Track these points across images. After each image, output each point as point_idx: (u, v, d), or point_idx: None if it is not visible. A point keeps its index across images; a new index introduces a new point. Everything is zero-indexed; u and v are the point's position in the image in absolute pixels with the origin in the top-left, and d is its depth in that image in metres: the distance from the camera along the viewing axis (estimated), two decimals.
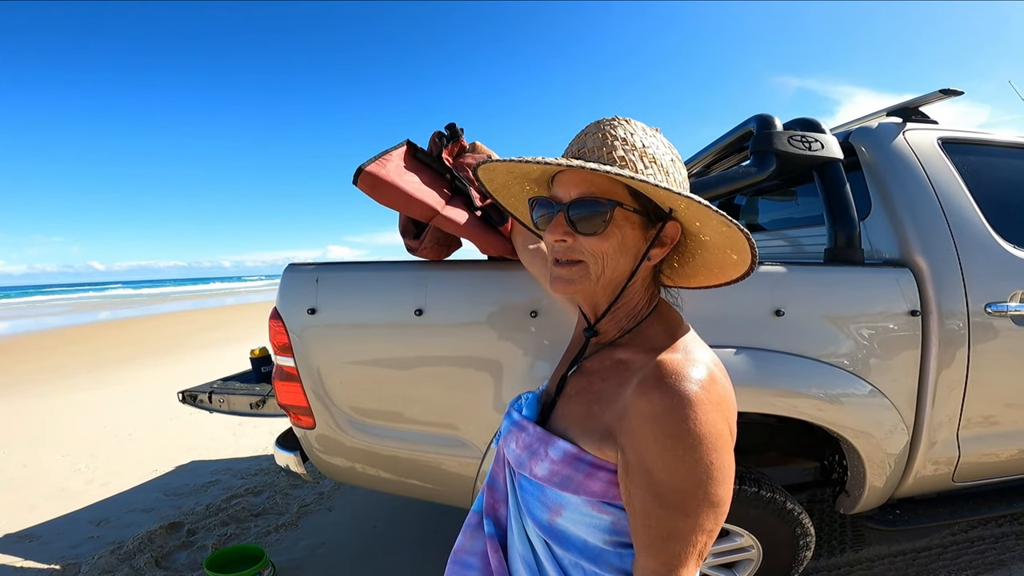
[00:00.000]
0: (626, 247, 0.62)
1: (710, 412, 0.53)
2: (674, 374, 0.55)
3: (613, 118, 0.64)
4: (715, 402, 0.55)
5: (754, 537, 1.49)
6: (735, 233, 0.59)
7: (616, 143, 0.61)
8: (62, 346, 9.76)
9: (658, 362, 0.57)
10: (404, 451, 1.44)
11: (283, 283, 1.41)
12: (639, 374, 0.58)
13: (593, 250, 0.62)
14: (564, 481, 0.61)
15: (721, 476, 0.53)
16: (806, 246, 2.06)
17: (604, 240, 0.61)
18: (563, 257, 0.64)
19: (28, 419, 4.64)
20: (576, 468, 0.61)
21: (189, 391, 2.08)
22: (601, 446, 0.59)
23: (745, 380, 1.33)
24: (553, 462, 0.62)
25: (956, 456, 1.56)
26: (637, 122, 0.64)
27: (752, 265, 0.62)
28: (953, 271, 1.49)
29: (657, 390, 0.55)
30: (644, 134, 0.63)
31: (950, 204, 1.55)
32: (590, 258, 0.63)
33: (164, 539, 2.42)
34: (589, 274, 0.63)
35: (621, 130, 0.62)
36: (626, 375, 0.61)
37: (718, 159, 2.11)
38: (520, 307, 1.34)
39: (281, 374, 1.46)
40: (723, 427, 0.55)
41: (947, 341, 1.47)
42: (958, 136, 1.69)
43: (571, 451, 0.61)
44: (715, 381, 0.57)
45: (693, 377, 0.55)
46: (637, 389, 0.57)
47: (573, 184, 0.62)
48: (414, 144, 1.20)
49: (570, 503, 0.62)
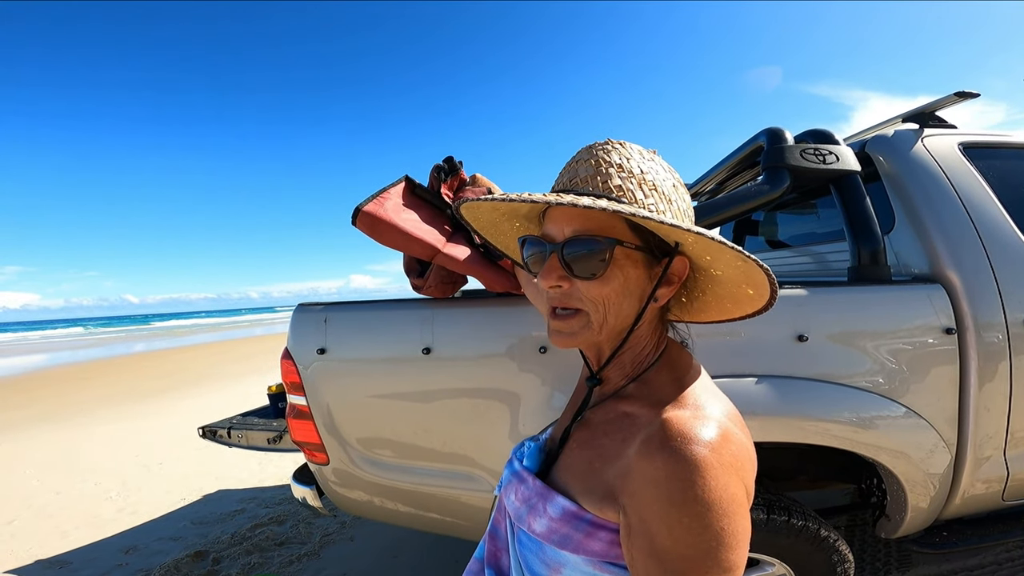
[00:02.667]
0: (629, 289, 0.58)
1: (720, 476, 0.49)
2: (680, 436, 0.51)
3: (606, 141, 0.59)
4: (727, 464, 0.50)
5: (787, 567, 1.41)
6: (752, 268, 0.54)
7: (611, 170, 0.56)
8: (99, 376, 10.10)
9: (664, 420, 0.53)
10: (418, 486, 1.42)
11: (293, 323, 1.42)
12: (644, 431, 0.54)
13: (593, 296, 0.57)
14: (563, 539, 0.57)
15: (733, 542, 0.48)
16: (832, 262, 1.98)
17: (604, 284, 0.56)
18: (560, 305, 0.59)
19: (64, 447, 4.78)
20: (575, 527, 0.57)
21: (209, 427, 2.11)
22: (602, 505, 0.55)
23: (770, 410, 1.26)
24: (552, 519, 0.58)
25: (1005, 475, 1.47)
26: (633, 145, 0.59)
27: (771, 300, 0.57)
28: (987, 283, 1.41)
29: (661, 453, 0.50)
30: (641, 158, 0.58)
31: (978, 212, 1.47)
32: (590, 305, 0.58)
33: (189, 568, 2.43)
34: (590, 324, 0.58)
35: (616, 155, 0.57)
36: (631, 431, 0.56)
37: (730, 176, 2.05)
38: (529, 342, 1.31)
39: (294, 412, 1.46)
40: (736, 490, 0.50)
41: (987, 357, 1.38)
42: (979, 140, 1.60)
43: (571, 509, 0.57)
44: (728, 440, 0.52)
45: (702, 438, 0.50)
46: (641, 449, 0.53)
47: (566, 220, 0.57)
48: (412, 180, 1.20)
49: (569, 562, 0.57)
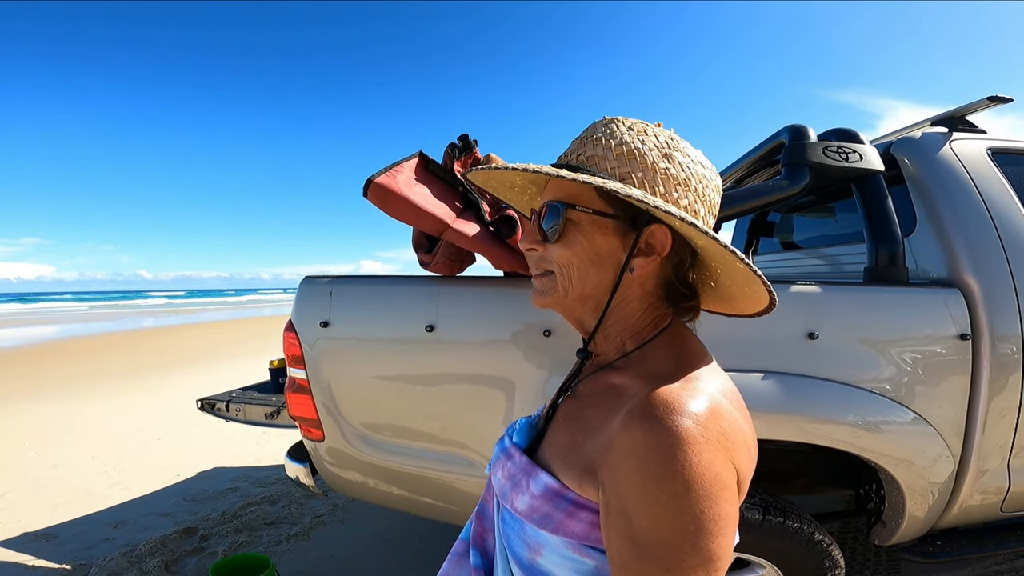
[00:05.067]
0: (598, 257, 0.56)
1: (705, 452, 0.45)
2: (664, 405, 0.47)
3: (603, 119, 0.60)
4: (714, 440, 0.46)
5: (777, 569, 1.39)
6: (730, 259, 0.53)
7: (591, 142, 0.57)
8: (104, 351, 10.18)
9: (650, 390, 0.49)
10: (413, 468, 1.40)
11: (298, 295, 1.41)
12: (630, 403, 0.50)
13: (557, 259, 0.58)
14: (543, 519, 0.54)
15: (715, 528, 0.44)
16: (845, 264, 1.95)
17: (566, 247, 0.57)
18: (536, 268, 0.61)
19: (64, 421, 4.80)
20: (556, 505, 0.53)
21: (208, 399, 2.10)
22: (582, 482, 0.52)
23: (775, 407, 1.24)
24: (534, 496, 0.55)
25: (1006, 486, 1.44)
26: (630, 120, 0.58)
27: (771, 302, 0.57)
28: (1006, 291, 1.38)
29: (641, 423, 0.46)
30: (630, 132, 0.56)
31: (1002, 219, 1.44)
32: (556, 267, 0.59)
33: (177, 544, 2.44)
34: (556, 286, 0.59)
35: (603, 129, 0.58)
36: (616, 403, 0.53)
37: (749, 173, 2.02)
38: (533, 325, 1.29)
39: (293, 386, 1.45)
40: (723, 470, 0.46)
41: (1000, 366, 1.35)
42: (1010, 146, 1.57)
43: (552, 486, 0.54)
44: (718, 415, 0.48)
45: (688, 410, 0.47)
46: (623, 420, 0.49)
47: (549, 190, 0.60)
48: (426, 156, 1.18)
49: (550, 543, 0.54)
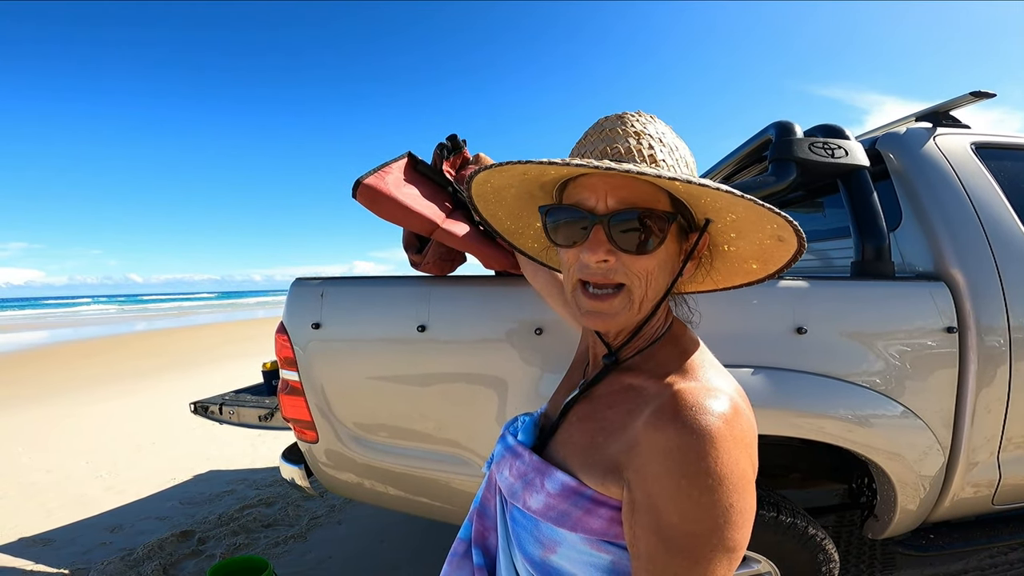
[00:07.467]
0: (666, 263, 0.57)
1: (732, 450, 0.47)
2: (694, 406, 0.49)
3: (637, 112, 0.58)
4: (738, 438, 0.49)
5: (772, 563, 1.39)
6: (785, 229, 0.52)
7: (652, 142, 0.55)
8: (97, 355, 10.10)
9: (675, 391, 0.51)
10: (407, 468, 1.41)
11: (289, 297, 1.41)
12: (652, 403, 0.52)
13: (638, 270, 0.55)
14: (561, 516, 0.55)
15: (740, 520, 0.47)
16: (833, 259, 1.97)
17: (653, 258, 0.55)
18: (601, 281, 0.56)
19: (58, 426, 4.77)
20: (575, 503, 0.55)
21: (201, 402, 2.10)
22: (604, 480, 0.53)
23: (765, 401, 1.25)
24: (550, 495, 0.56)
25: (997, 478, 1.46)
26: (629, 112, 0.59)
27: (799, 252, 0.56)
28: (992, 284, 1.39)
29: (673, 423, 0.49)
30: (673, 133, 0.58)
31: (987, 212, 1.46)
32: (635, 280, 0.55)
33: (174, 547, 2.43)
34: (632, 302, 0.56)
35: (652, 127, 0.56)
36: (637, 403, 0.55)
37: (737, 171, 2.03)
38: (525, 324, 1.29)
39: (286, 388, 1.45)
40: (746, 466, 0.49)
41: (987, 359, 1.37)
42: (993, 140, 1.59)
43: (570, 484, 0.55)
44: (739, 414, 0.51)
45: (715, 410, 0.49)
46: (650, 421, 0.51)
47: (609, 190, 0.54)
48: (415, 156, 1.18)
49: (566, 540, 0.56)
